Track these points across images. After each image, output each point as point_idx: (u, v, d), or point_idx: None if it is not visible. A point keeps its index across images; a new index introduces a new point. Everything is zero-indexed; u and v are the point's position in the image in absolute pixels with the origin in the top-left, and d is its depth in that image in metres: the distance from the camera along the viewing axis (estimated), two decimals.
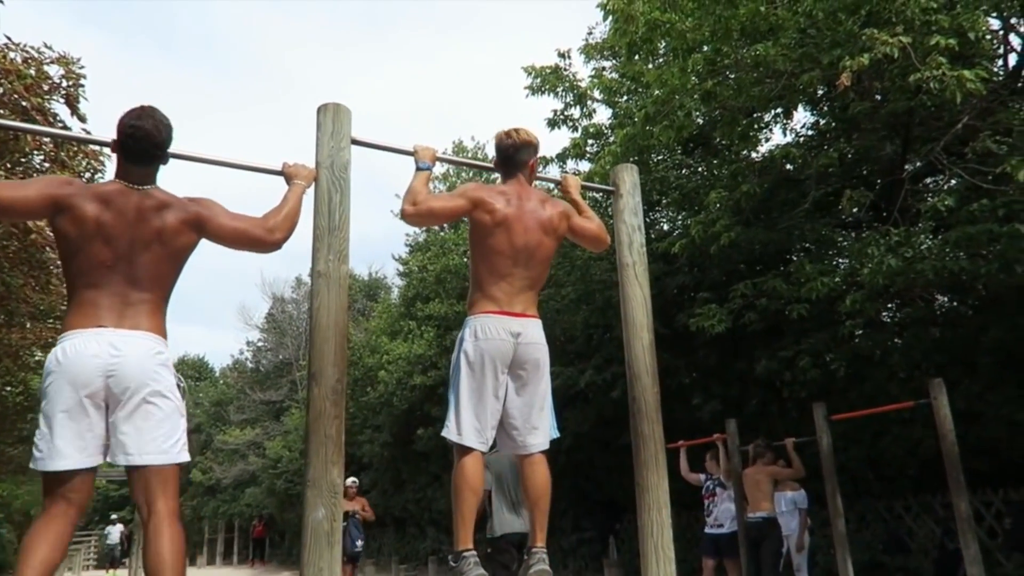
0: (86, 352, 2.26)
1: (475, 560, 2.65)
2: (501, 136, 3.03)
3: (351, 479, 10.54)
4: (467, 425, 2.72)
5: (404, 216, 2.83)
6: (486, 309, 2.79)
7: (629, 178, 3.24)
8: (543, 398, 2.88)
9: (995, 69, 8.58)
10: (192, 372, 45.66)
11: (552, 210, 2.93)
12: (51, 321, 11.13)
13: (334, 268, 2.41)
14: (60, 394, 2.22)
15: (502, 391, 2.79)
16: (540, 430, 2.85)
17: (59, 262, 10.34)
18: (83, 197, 2.35)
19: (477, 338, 2.75)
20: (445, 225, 19.63)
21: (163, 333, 2.43)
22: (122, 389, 2.26)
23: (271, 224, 2.55)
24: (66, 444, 2.21)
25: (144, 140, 2.48)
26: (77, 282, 2.37)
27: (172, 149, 2.57)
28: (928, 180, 9.67)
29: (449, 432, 2.75)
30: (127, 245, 2.35)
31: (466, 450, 2.72)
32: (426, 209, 2.79)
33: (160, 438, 2.30)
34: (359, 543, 10.43)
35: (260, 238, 2.53)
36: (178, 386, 2.40)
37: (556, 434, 2.94)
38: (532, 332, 2.82)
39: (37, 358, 11.84)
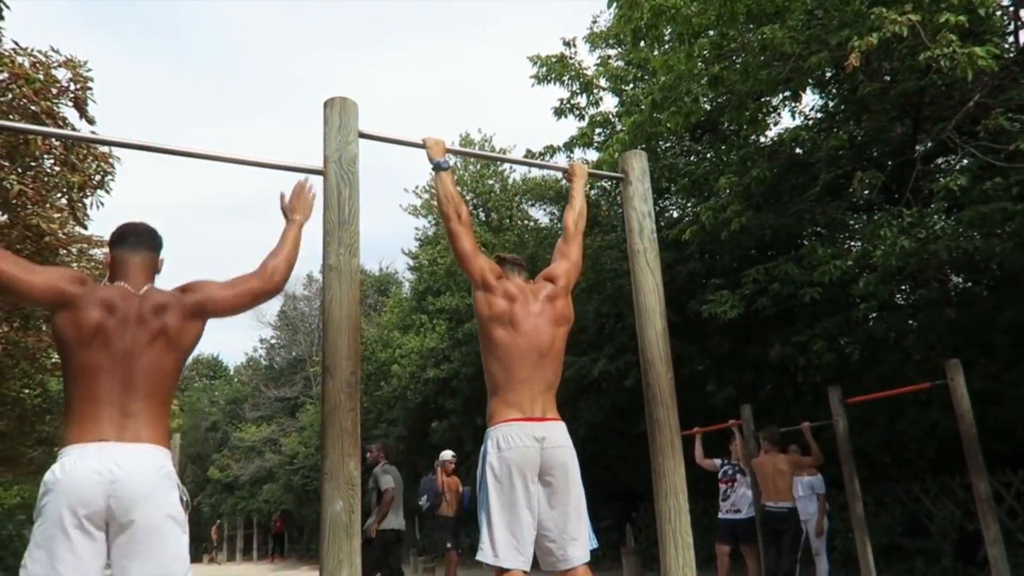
0: (88, 469, 2.13)
1: None
2: (504, 256, 3.14)
3: (449, 453, 9.12)
4: (503, 544, 2.58)
5: (446, 223, 2.88)
6: (507, 417, 2.71)
7: (638, 164, 3.22)
8: (577, 505, 2.74)
9: (1006, 46, 8.48)
10: (207, 371, 45.99)
11: (557, 293, 2.96)
12: None
13: (345, 262, 2.41)
14: (59, 515, 2.09)
15: (534, 502, 2.65)
16: (579, 541, 2.70)
17: (72, 265, 10.42)
18: (88, 299, 2.27)
19: (500, 449, 2.65)
20: None
21: (166, 442, 2.37)
22: (124, 511, 2.14)
23: (270, 268, 2.55)
24: (68, 569, 2.07)
25: (133, 228, 2.53)
26: (75, 390, 2.25)
27: (207, 152, 2.63)
28: (940, 160, 9.58)
29: (484, 555, 2.60)
30: (127, 351, 2.27)
31: (506, 572, 2.59)
32: (460, 239, 2.88)
33: (164, 563, 2.19)
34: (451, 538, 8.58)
35: (262, 289, 2.53)
36: (181, 500, 2.30)
37: (595, 544, 2.81)
38: (557, 435, 2.74)
39: (54, 360, 11.95)
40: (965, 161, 7.81)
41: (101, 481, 2.12)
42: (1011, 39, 8.68)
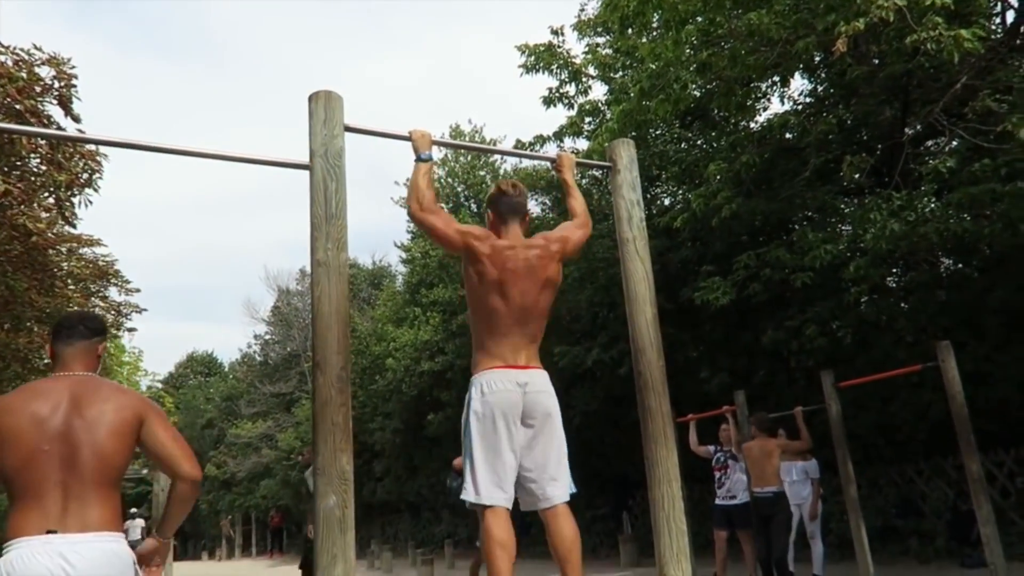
0: (35, 563, 2.03)
1: None
2: (504, 188, 3.05)
3: None
4: (486, 483, 2.67)
5: (409, 214, 2.88)
6: (490, 366, 2.78)
7: (626, 153, 3.21)
8: (559, 447, 2.81)
9: (993, 27, 8.49)
10: (201, 368, 45.91)
11: (547, 258, 2.91)
12: None
13: (333, 256, 2.40)
14: None
15: (516, 444, 2.73)
16: (560, 481, 2.77)
17: (62, 265, 10.35)
18: (21, 393, 2.25)
19: (484, 394, 2.73)
20: (446, 210, 19.63)
21: (118, 524, 2.23)
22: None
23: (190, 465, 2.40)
24: None
25: (70, 319, 2.49)
26: (14, 488, 2.14)
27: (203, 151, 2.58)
28: (929, 143, 9.60)
29: (468, 494, 2.68)
30: (65, 450, 2.18)
31: (490, 510, 2.65)
32: (428, 222, 2.84)
33: None
34: None
35: (186, 472, 2.38)
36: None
37: (574, 489, 2.83)
38: (539, 381, 2.80)
39: (46, 361, 11.90)
40: (954, 143, 7.83)
41: None
42: (998, 20, 8.69)
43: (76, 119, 7.58)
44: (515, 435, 2.72)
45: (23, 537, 2.08)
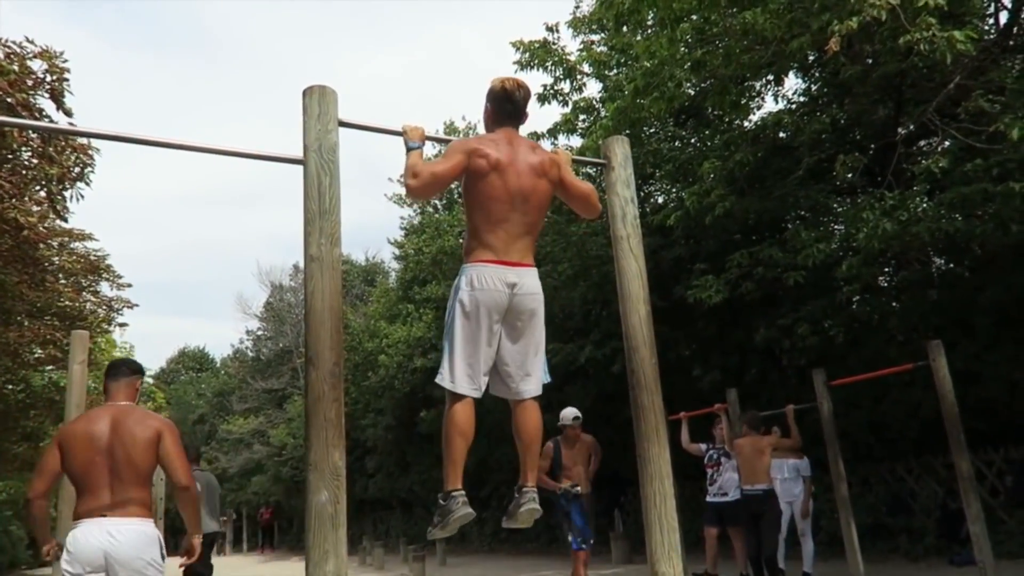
0: (91, 537, 3.18)
1: (463, 500, 2.74)
2: (509, 88, 2.98)
3: (572, 412, 7.31)
4: (460, 372, 2.78)
5: (409, 191, 2.82)
6: (483, 258, 2.80)
7: (620, 150, 3.22)
8: (537, 345, 2.91)
9: (986, 28, 8.53)
10: (193, 364, 45.77)
11: (543, 155, 2.93)
12: (48, 318, 11.12)
13: (326, 252, 2.39)
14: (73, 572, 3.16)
15: (495, 340, 2.83)
16: (533, 376, 2.90)
17: (53, 259, 10.32)
18: (81, 420, 3.44)
19: (473, 288, 2.77)
20: (439, 207, 19.60)
21: (148, 512, 3.35)
22: (122, 565, 3.18)
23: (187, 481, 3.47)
24: None
25: (116, 362, 3.68)
26: (77, 485, 3.31)
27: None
28: (922, 142, 9.64)
29: (443, 379, 2.81)
30: (110, 460, 3.28)
31: (458, 397, 2.78)
32: (429, 176, 2.78)
33: None
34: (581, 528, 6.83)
35: (183, 484, 3.46)
36: (161, 555, 3.34)
37: (548, 379, 2.97)
38: (528, 282, 2.83)
39: (37, 355, 11.84)
40: (946, 143, 7.86)
41: (99, 546, 3.24)
42: (991, 21, 8.72)
43: (68, 113, 7.54)
44: (495, 332, 2.81)
45: (83, 520, 3.22)
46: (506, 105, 2.98)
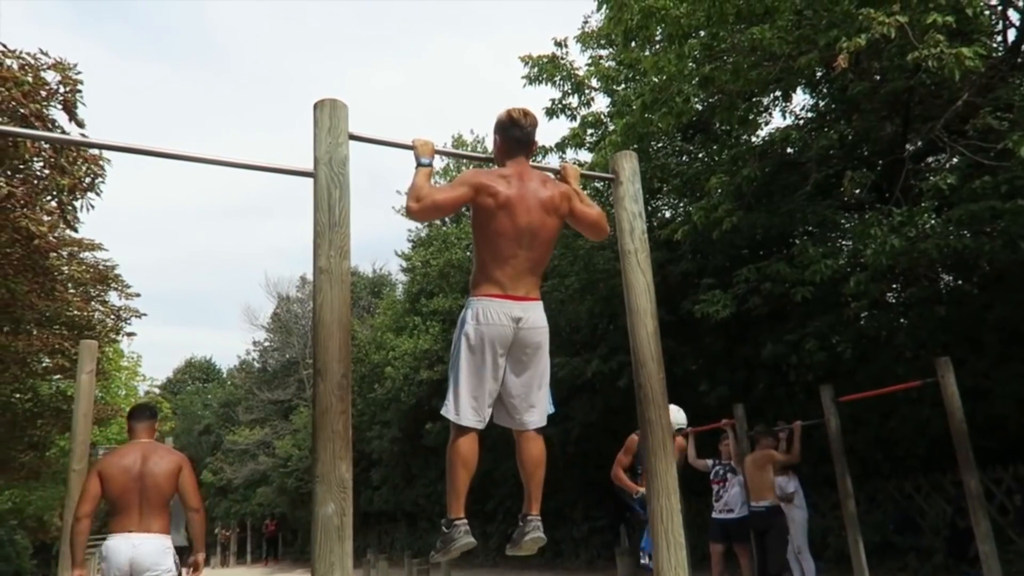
0: (120, 548, 4.10)
1: (465, 528, 2.79)
2: (516, 117, 2.98)
3: (681, 419, 5.90)
4: (465, 405, 2.80)
5: (409, 213, 2.84)
6: (489, 292, 2.81)
7: (628, 165, 3.23)
8: (542, 377, 2.93)
9: (994, 45, 8.53)
10: (200, 374, 45.83)
11: (554, 190, 2.93)
12: (57, 327, 11.17)
13: (336, 264, 2.41)
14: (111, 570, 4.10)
15: (500, 373, 2.84)
16: (537, 408, 2.92)
17: (62, 269, 10.40)
18: (115, 455, 4.33)
19: (479, 322, 2.78)
20: (447, 220, 19.64)
21: (166, 529, 4.26)
22: (142, 570, 4.10)
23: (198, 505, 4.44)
24: None
25: (140, 407, 4.65)
26: (111, 507, 4.19)
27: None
28: (930, 159, 9.63)
29: (448, 411, 2.84)
30: (140, 487, 4.19)
31: (463, 429, 2.81)
32: (430, 203, 2.79)
33: None
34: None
35: (195, 507, 4.40)
36: (174, 564, 4.25)
37: (552, 410, 3.00)
38: (534, 316, 2.85)
39: (44, 364, 11.88)
40: (954, 160, 7.85)
41: (128, 551, 4.21)
42: (999, 38, 8.73)
43: (80, 124, 7.60)
44: (500, 365, 2.83)
45: (115, 534, 4.12)
46: (514, 132, 2.97)
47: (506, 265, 2.82)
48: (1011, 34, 8.58)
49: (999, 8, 8.31)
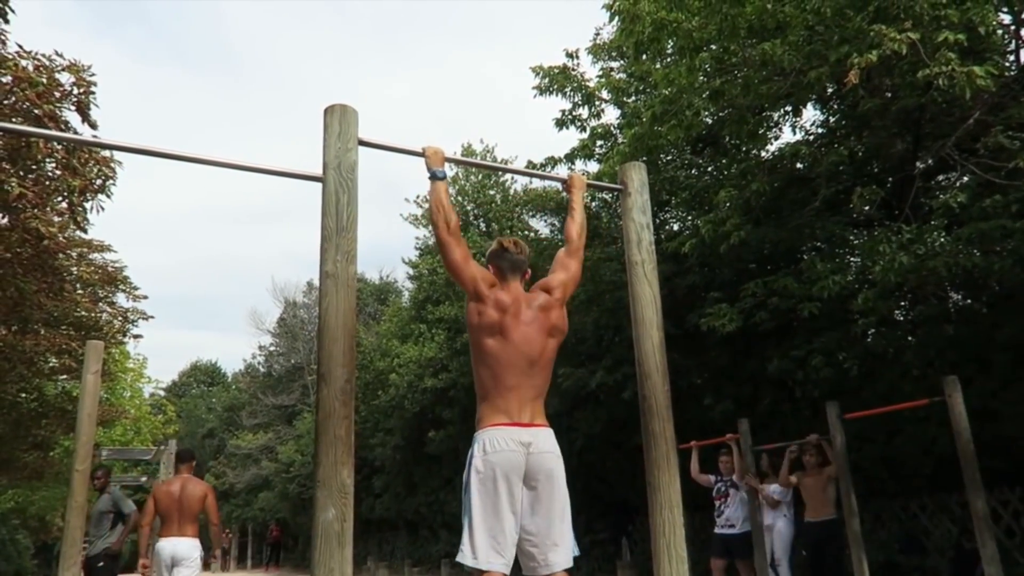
0: (166, 547, 6.18)
1: None
2: (506, 246, 3.05)
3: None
4: (483, 545, 2.57)
5: (436, 234, 2.90)
6: (494, 422, 2.72)
7: (637, 176, 3.23)
8: (562, 511, 2.72)
9: (1006, 64, 8.51)
10: (204, 377, 45.92)
11: (551, 306, 2.93)
12: (64, 328, 11.21)
13: (342, 269, 2.41)
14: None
15: (518, 505, 2.64)
16: (561, 547, 2.69)
17: (72, 269, 10.50)
18: (165, 484, 6.47)
19: (486, 452, 2.66)
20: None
21: (197, 535, 6.38)
22: (179, 560, 6.14)
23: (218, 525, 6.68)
24: None
25: (182, 451, 7.06)
26: (160, 518, 6.30)
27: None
28: (940, 177, 9.59)
29: (464, 557, 2.60)
30: (179, 506, 6.26)
31: (485, 574, 2.57)
32: (450, 248, 2.86)
33: None
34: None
35: (214, 522, 6.59)
36: (199, 556, 6.29)
37: (577, 552, 2.76)
38: (544, 442, 2.73)
39: (51, 364, 11.92)
40: (965, 178, 7.83)
41: (171, 549, 6.35)
42: (1011, 58, 8.71)
43: (93, 125, 7.65)
44: (516, 497, 2.64)
45: (163, 538, 6.21)
46: (503, 260, 3.01)
47: (510, 394, 2.76)
48: (1023, 54, 8.57)
49: (1012, 27, 8.29)
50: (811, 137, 10.47)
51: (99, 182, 7.95)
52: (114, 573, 7.52)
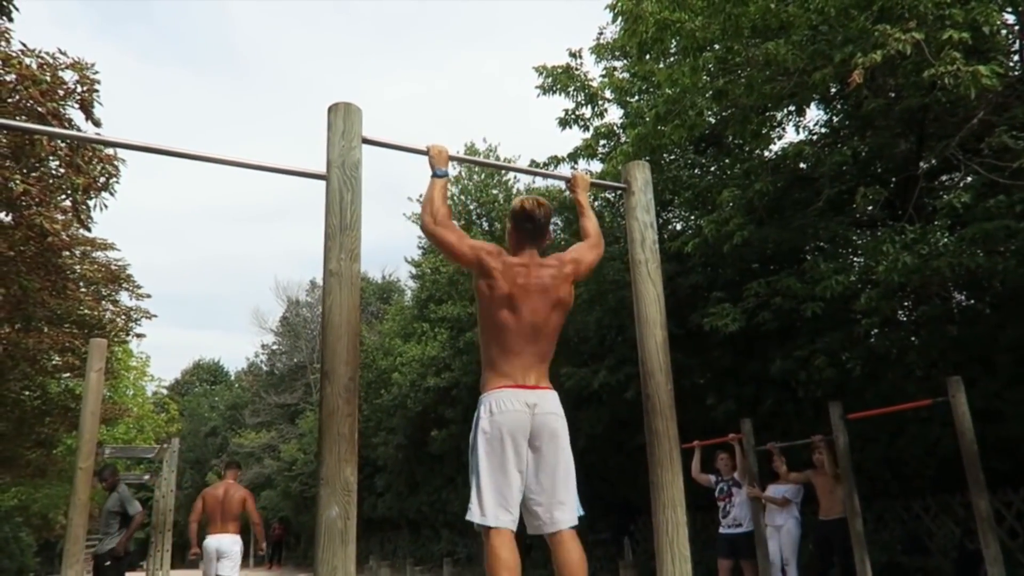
0: (211, 542, 7.51)
1: None
2: (528, 209, 2.99)
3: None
4: (491, 503, 2.62)
5: (423, 227, 2.88)
6: (500, 385, 2.77)
7: (641, 175, 3.22)
8: (566, 470, 2.76)
9: (1011, 64, 8.49)
10: (207, 376, 45.99)
11: (559, 268, 2.93)
12: (67, 326, 11.23)
13: (346, 267, 2.41)
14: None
15: (523, 464, 2.70)
16: (567, 505, 2.72)
17: (75, 267, 10.56)
18: (210, 489, 7.76)
19: (492, 413, 2.71)
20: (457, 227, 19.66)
21: (239, 531, 7.66)
22: (223, 553, 7.45)
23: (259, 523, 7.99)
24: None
25: (228, 461, 9.03)
26: (207, 518, 7.59)
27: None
28: (944, 177, 9.57)
29: (472, 515, 2.65)
30: (222, 507, 7.53)
31: (495, 532, 2.60)
32: (441, 236, 2.83)
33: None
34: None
35: (256, 521, 7.93)
36: (239, 549, 7.59)
37: (581, 512, 2.80)
38: (549, 403, 2.78)
39: (54, 362, 11.94)
40: (969, 178, 7.80)
41: (216, 544, 7.70)
42: (1016, 57, 8.68)
43: (97, 123, 7.65)
44: (522, 456, 2.69)
45: (210, 535, 7.50)
46: (526, 224, 2.98)
47: (515, 359, 2.79)
48: None
49: (1016, 27, 8.27)
50: (815, 137, 10.45)
51: (103, 180, 7.95)
52: (121, 573, 7.51)
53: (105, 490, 7.81)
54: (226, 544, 7.41)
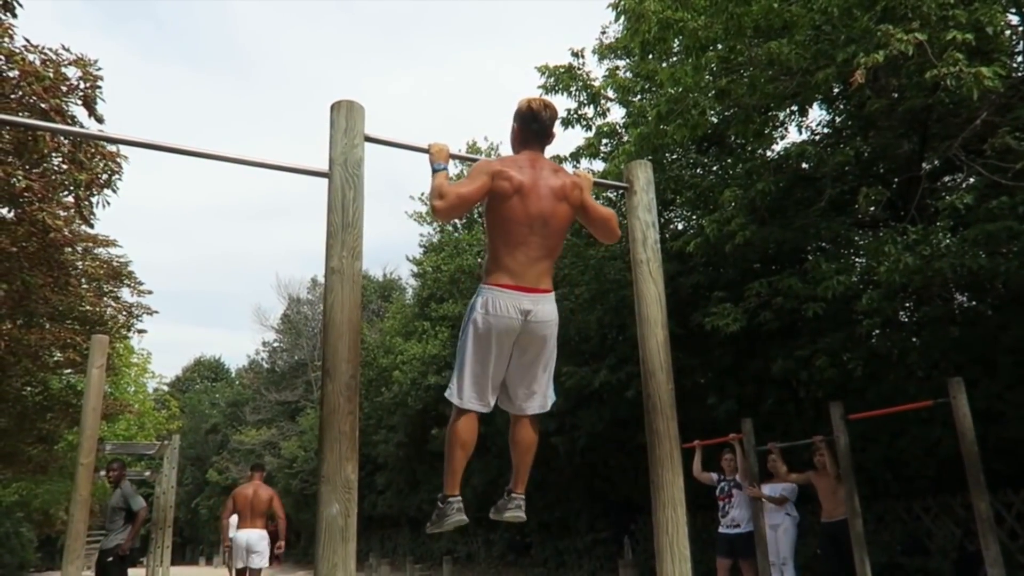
0: (241, 537, 8.56)
1: (459, 506, 2.86)
2: (536, 109, 3.01)
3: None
4: (468, 390, 2.85)
5: (435, 212, 2.85)
6: (500, 282, 2.83)
7: (643, 174, 3.22)
8: (547, 365, 2.96)
9: (1014, 65, 8.48)
10: (208, 373, 46.04)
11: (565, 179, 2.97)
12: (69, 322, 11.25)
13: (348, 264, 2.41)
14: None
15: (505, 361, 2.89)
16: (538, 395, 2.97)
17: (77, 263, 10.56)
18: (241, 488, 8.81)
19: (487, 311, 2.81)
20: (459, 225, 19.68)
21: (265, 527, 8.71)
22: (251, 547, 8.50)
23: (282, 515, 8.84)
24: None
25: (255, 464, 9.81)
26: (238, 515, 8.73)
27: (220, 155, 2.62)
28: (946, 178, 9.56)
29: (451, 394, 2.88)
30: (251, 505, 8.60)
31: (464, 411, 2.86)
32: (455, 197, 2.80)
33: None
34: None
35: (281, 517, 8.77)
36: (267, 543, 8.63)
37: (554, 398, 3.03)
38: (543, 309, 2.86)
39: (56, 358, 11.96)
40: (971, 179, 7.80)
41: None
42: (1019, 58, 8.67)
43: (99, 120, 7.66)
44: (506, 354, 2.87)
45: (240, 530, 8.54)
46: (532, 124, 3.02)
47: (518, 252, 2.84)
48: None
49: (1020, 28, 8.26)
50: (817, 137, 10.45)
51: (105, 177, 7.96)
52: (123, 571, 7.48)
53: (109, 483, 7.83)
54: (255, 539, 8.40)
